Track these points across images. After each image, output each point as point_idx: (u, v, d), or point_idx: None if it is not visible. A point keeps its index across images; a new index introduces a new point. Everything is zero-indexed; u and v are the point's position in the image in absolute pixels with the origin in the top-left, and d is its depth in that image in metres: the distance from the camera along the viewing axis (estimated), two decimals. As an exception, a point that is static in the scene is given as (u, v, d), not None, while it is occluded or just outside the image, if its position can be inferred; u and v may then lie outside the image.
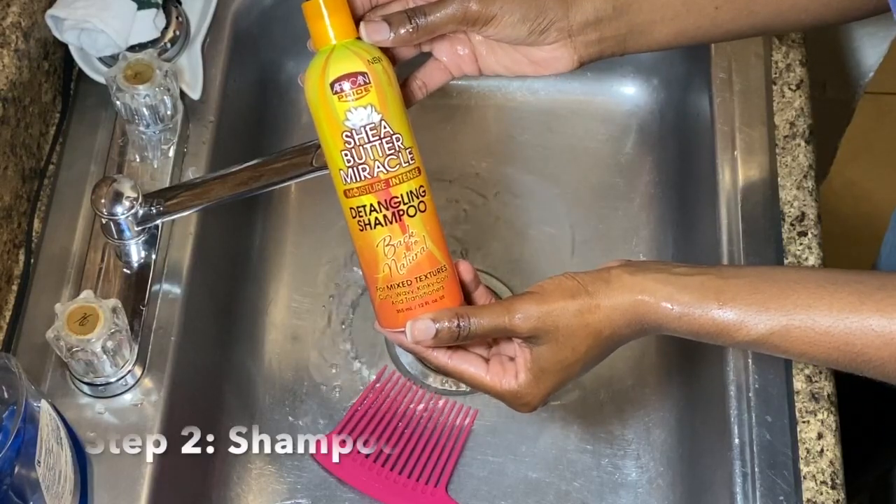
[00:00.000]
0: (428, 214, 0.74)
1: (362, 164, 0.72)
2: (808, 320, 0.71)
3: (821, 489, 0.89)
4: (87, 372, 0.89)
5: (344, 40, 0.73)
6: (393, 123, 0.72)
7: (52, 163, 1.02)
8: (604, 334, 0.73)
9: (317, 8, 0.72)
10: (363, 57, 0.72)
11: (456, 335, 0.73)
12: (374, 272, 0.75)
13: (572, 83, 1.23)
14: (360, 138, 0.72)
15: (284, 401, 1.07)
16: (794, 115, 1.06)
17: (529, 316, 0.72)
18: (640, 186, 1.19)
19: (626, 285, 0.72)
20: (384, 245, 0.74)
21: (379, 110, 0.72)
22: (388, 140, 0.72)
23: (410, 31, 0.73)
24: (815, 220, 1.00)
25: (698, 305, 0.72)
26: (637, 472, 1.04)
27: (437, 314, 0.73)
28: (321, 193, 1.16)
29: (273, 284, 1.13)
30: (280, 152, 0.90)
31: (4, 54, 0.95)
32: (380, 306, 0.76)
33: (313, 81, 0.73)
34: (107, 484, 0.88)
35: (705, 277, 0.72)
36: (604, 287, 0.72)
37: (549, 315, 0.72)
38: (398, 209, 0.73)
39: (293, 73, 1.22)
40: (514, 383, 0.75)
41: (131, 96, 0.96)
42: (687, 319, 0.72)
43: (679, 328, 0.73)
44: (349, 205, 0.74)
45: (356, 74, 0.71)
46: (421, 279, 0.74)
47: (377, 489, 1.02)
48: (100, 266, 0.95)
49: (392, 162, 0.72)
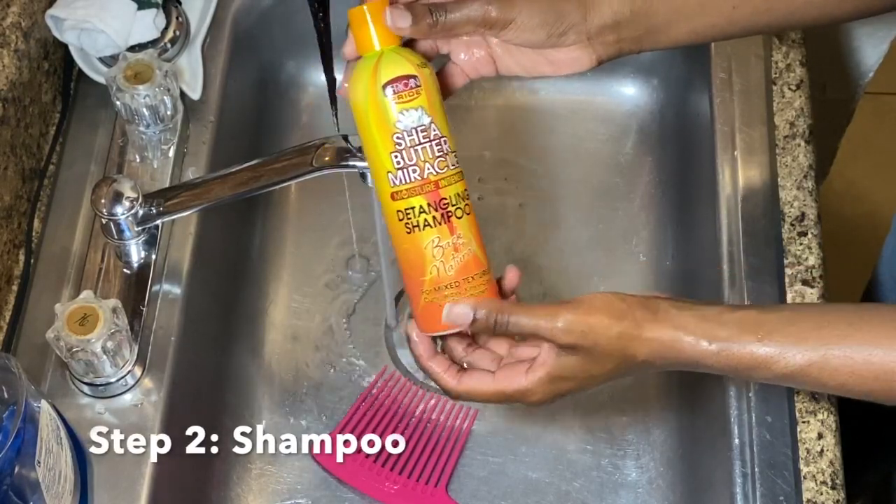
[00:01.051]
0: (472, 217, 0.75)
1: (413, 166, 0.73)
2: (847, 349, 0.71)
3: (821, 489, 0.89)
4: (87, 372, 0.89)
5: (389, 46, 0.74)
6: (441, 126, 0.74)
7: (52, 163, 1.02)
8: (636, 360, 0.74)
9: (362, 15, 0.74)
10: (412, 61, 0.74)
11: (491, 328, 0.74)
12: (420, 275, 0.75)
13: (572, 83, 1.23)
14: (412, 140, 0.73)
15: (284, 401, 1.07)
16: (794, 115, 1.06)
17: (572, 329, 0.72)
18: (640, 186, 1.19)
19: (671, 320, 0.73)
20: (433, 246, 0.74)
21: (429, 113, 0.73)
22: (437, 142, 0.73)
23: (430, 24, 0.74)
24: (815, 220, 1.00)
25: (737, 341, 0.73)
26: (637, 472, 1.04)
27: (480, 303, 0.74)
28: (321, 193, 1.16)
29: (273, 284, 1.13)
30: (280, 152, 0.90)
31: (4, 54, 0.95)
32: (424, 309, 0.76)
33: (363, 85, 0.73)
34: (107, 484, 0.88)
35: (744, 313, 0.73)
36: (650, 317, 0.73)
37: (591, 332, 0.72)
38: (447, 210, 0.74)
39: (293, 73, 1.22)
40: (524, 381, 0.75)
41: (131, 96, 0.96)
42: (725, 355, 0.73)
43: (716, 364, 0.73)
44: (396, 207, 0.74)
45: (408, 77, 0.73)
46: (468, 280, 0.75)
47: (377, 489, 1.02)
48: (100, 266, 0.95)
49: (441, 164, 0.74)
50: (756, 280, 0.98)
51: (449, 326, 0.76)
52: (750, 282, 0.98)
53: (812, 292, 0.97)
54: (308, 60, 1.20)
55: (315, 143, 0.86)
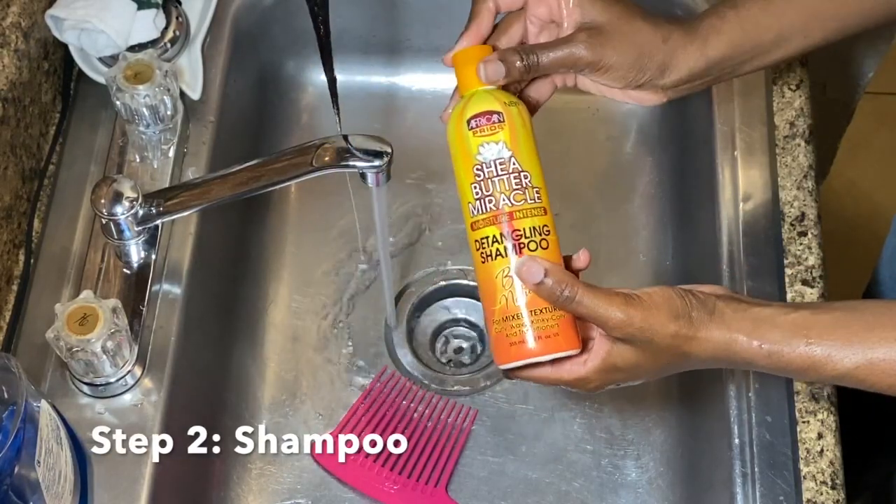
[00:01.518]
0: (550, 252, 0.75)
1: (489, 196, 0.75)
2: (892, 353, 0.72)
3: (821, 489, 0.89)
4: (87, 372, 0.89)
5: (486, 87, 0.78)
6: (523, 161, 0.76)
7: (52, 163, 1.02)
8: (688, 358, 0.75)
9: (464, 57, 0.78)
10: (500, 99, 0.77)
11: (555, 298, 0.73)
12: (491, 304, 0.76)
13: (572, 83, 1.23)
14: (490, 171, 0.75)
15: (284, 401, 1.07)
16: (794, 115, 1.06)
17: (629, 322, 0.73)
18: (640, 186, 1.19)
19: (726, 323, 0.74)
20: (502, 276, 0.75)
21: (510, 147, 0.75)
22: (516, 175, 0.75)
23: (521, 69, 0.78)
24: (815, 220, 1.00)
25: (787, 343, 0.73)
26: (637, 472, 1.04)
27: (552, 271, 0.73)
28: (321, 193, 1.16)
29: (273, 284, 1.13)
30: (280, 152, 0.90)
31: (4, 54, 0.95)
32: (495, 339, 0.77)
33: (453, 121, 0.77)
34: (107, 484, 0.88)
35: (797, 315, 0.74)
36: (706, 318, 0.74)
37: (648, 328, 0.73)
38: (519, 241, 0.75)
39: (293, 73, 1.22)
40: (583, 370, 0.76)
41: (131, 96, 0.96)
42: (776, 357, 0.74)
43: (768, 365, 0.75)
44: (474, 237, 0.76)
45: (491, 113, 0.76)
46: (536, 312, 0.75)
47: (377, 489, 1.02)
48: (100, 266, 0.95)
49: (517, 196, 0.75)
50: (756, 280, 0.98)
51: (521, 357, 0.76)
52: (750, 282, 0.98)
53: (812, 292, 0.97)
54: (308, 60, 1.21)
55: (315, 143, 0.86)
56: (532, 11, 0.80)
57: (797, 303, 0.76)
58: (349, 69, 1.21)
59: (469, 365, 1.11)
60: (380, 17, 1.19)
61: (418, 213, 1.16)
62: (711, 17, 0.84)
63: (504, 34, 0.80)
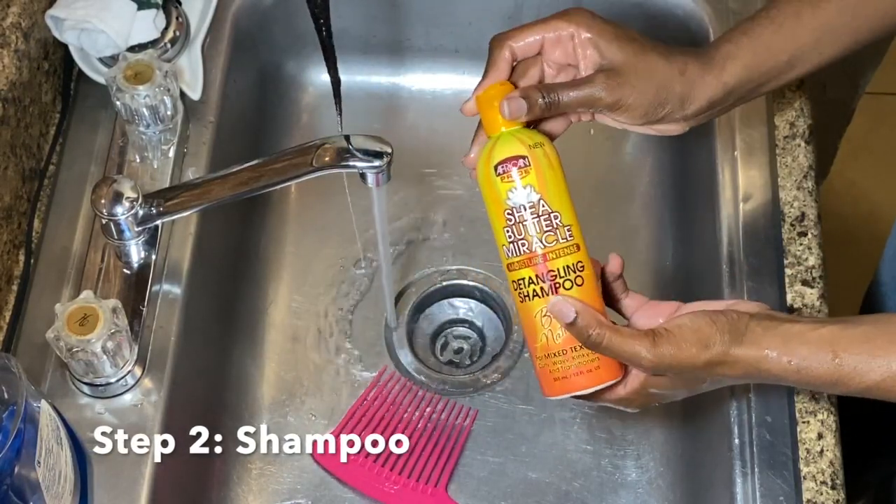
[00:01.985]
0: (585, 288, 0.77)
1: (521, 240, 0.77)
2: None
3: (821, 489, 0.89)
4: (87, 372, 0.89)
5: (511, 128, 0.78)
6: (552, 202, 0.76)
7: (52, 163, 1.02)
8: (724, 377, 0.77)
9: (487, 97, 0.78)
10: (525, 142, 0.77)
11: (584, 339, 0.76)
12: (533, 342, 0.78)
13: (572, 83, 1.22)
14: (520, 216, 0.76)
15: (284, 401, 1.07)
16: (794, 115, 1.06)
17: (659, 361, 0.74)
18: (640, 186, 1.19)
19: (757, 342, 0.75)
20: (541, 316, 0.77)
21: (538, 190, 0.76)
22: (547, 217, 0.76)
23: (542, 107, 0.78)
24: (815, 220, 1.00)
25: (815, 358, 0.74)
26: (637, 472, 1.04)
27: (581, 311, 0.75)
28: (321, 193, 1.16)
29: (273, 284, 1.13)
30: (280, 152, 0.90)
31: (4, 54, 0.95)
32: (540, 374, 0.79)
33: (481, 165, 0.78)
34: (107, 484, 0.88)
35: (825, 331, 0.75)
36: (737, 340, 0.75)
37: (678, 364, 0.75)
38: (554, 282, 0.76)
39: (293, 73, 1.22)
40: (623, 392, 0.79)
41: (131, 96, 0.96)
42: (805, 373, 0.75)
43: (798, 381, 0.76)
44: (511, 278, 0.78)
45: (517, 158, 0.76)
46: (576, 349, 0.77)
47: (377, 489, 1.02)
48: (100, 266, 0.95)
49: (549, 238, 0.76)
50: (756, 280, 0.98)
51: (565, 391, 0.79)
52: (750, 282, 0.98)
53: (812, 292, 0.97)
54: (308, 60, 1.21)
55: (315, 143, 0.86)
56: (548, 56, 0.81)
57: (827, 318, 0.77)
58: (350, 69, 1.21)
59: (469, 365, 1.11)
60: (380, 17, 1.19)
61: (418, 214, 1.16)
62: (725, 44, 0.85)
63: (522, 78, 0.81)
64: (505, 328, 1.11)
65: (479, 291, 1.13)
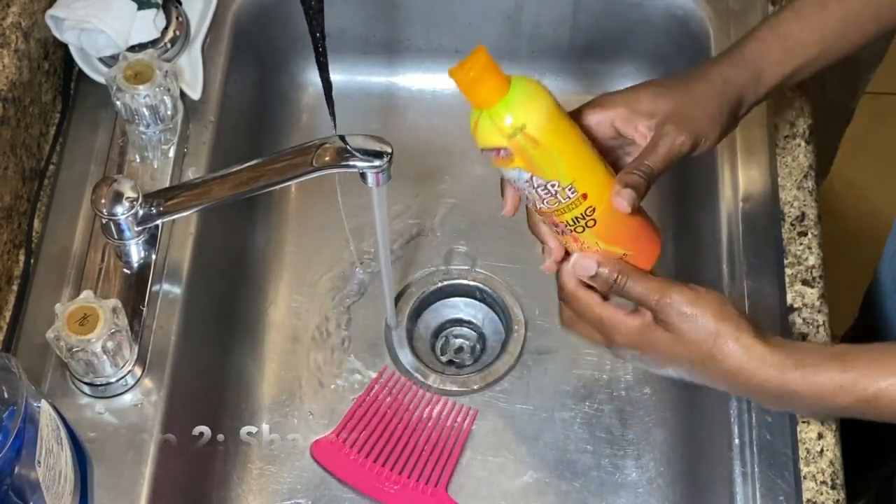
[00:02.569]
0: (599, 225, 0.78)
1: (528, 199, 0.78)
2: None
3: (821, 489, 0.89)
4: (87, 372, 0.89)
5: (489, 108, 0.74)
6: (546, 174, 0.75)
7: (52, 163, 1.02)
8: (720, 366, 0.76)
9: (465, 73, 0.72)
10: (504, 132, 0.73)
11: (609, 285, 0.79)
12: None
13: (572, 83, 1.23)
14: (518, 186, 0.78)
15: (284, 401, 1.07)
16: (794, 115, 1.06)
17: (675, 309, 0.76)
18: (640, 186, 1.18)
19: (768, 339, 0.76)
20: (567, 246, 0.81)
21: (527, 170, 0.75)
22: (543, 188, 0.76)
23: (646, 186, 0.79)
24: (815, 220, 1.00)
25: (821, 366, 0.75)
26: (637, 472, 1.04)
27: (603, 260, 0.79)
28: (321, 193, 1.16)
29: (273, 284, 1.13)
30: (280, 152, 0.90)
31: (4, 54, 0.95)
32: None
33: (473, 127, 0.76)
34: (107, 484, 0.88)
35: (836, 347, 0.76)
36: (753, 328, 0.76)
37: (691, 319, 0.76)
38: (565, 229, 0.79)
39: (293, 73, 1.22)
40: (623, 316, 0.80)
41: (131, 96, 0.96)
42: (810, 377, 0.75)
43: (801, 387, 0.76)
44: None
45: (498, 149, 0.75)
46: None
47: (377, 489, 1.02)
48: (100, 266, 0.95)
49: (550, 202, 0.77)
50: (756, 280, 0.98)
51: None
52: (750, 282, 0.98)
53: (812, 292, 0.97)
54: (308, 60, 1.20)
55: (315, 143, 0.86)
56: (596, 133, 0.82)
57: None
58: (348, 69, 1.21)
59: (469, 365, 1.11)
60: (379, 17, 1.19)
61: (418, 213, 1.16)
62: (753, 42, 0.86)
63: None
64: (505, 328, 1.11)
65: (480, 291, 1.13)
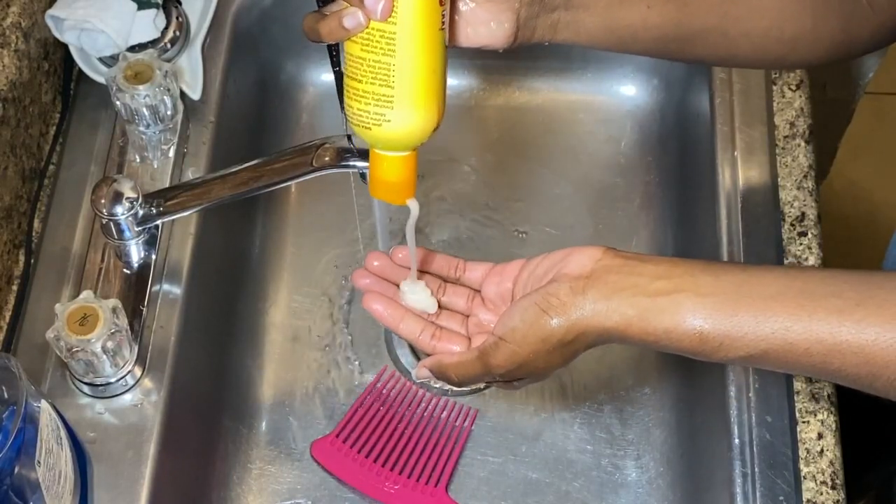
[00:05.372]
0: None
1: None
2: (786, 345, 0.68)
3: (821, 489, 0.89)
4: (87, 372, 0.89)
5: None
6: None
7: (52, 163, 1.02)
8: (570, 349, 0.72)
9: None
10: None
11: (444, 380, 0.77)
12: None
13: (572, 83, 1.23)
14: None
15: (284, 401, 1.07)
16: (794, 115, 1.06)
17: (508, 367, 0.72)
18: (640, 186, 1.19)
19: (600, 312, 0.70)
20: None
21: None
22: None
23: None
24: (815, 220, 1.00)
25: (674, 330, 0.69)
26: (637, 472, 1.04)
27: (429, 369, 0.77)
28: (321, 193, 1.16)
29: (273, 284, 1.13)
30: (280, 152, 0.90)
31: (4, 54, 0.95)
32: None
33: None
34: (107, 484, 0.88)
35: (681, 296, 0.69)
36: (577, 314, 0.70)
37: (524, 366, 0.72)
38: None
39: (293, 73, 1.22)
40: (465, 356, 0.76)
41: (131, 96, 0.96)
42: (664, 343, 0.70)
43: (658, 347, 0.71)
44: None
45: None
46: None
47: (377, 489, 1.02)
48: (100, 266, 0.95)
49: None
50: (756, 280, 0.98)
51: None
52: (750, 282, 0.97)
53: (812, 292, 0.97)
54: (308, 60, 1.20)
55: (315, 143, 0.86)
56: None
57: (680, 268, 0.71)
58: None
59: (469, 365, 1.11)
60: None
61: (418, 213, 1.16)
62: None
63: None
64: (505, 328, 1.11)
65: (479, 291, 1.13)
